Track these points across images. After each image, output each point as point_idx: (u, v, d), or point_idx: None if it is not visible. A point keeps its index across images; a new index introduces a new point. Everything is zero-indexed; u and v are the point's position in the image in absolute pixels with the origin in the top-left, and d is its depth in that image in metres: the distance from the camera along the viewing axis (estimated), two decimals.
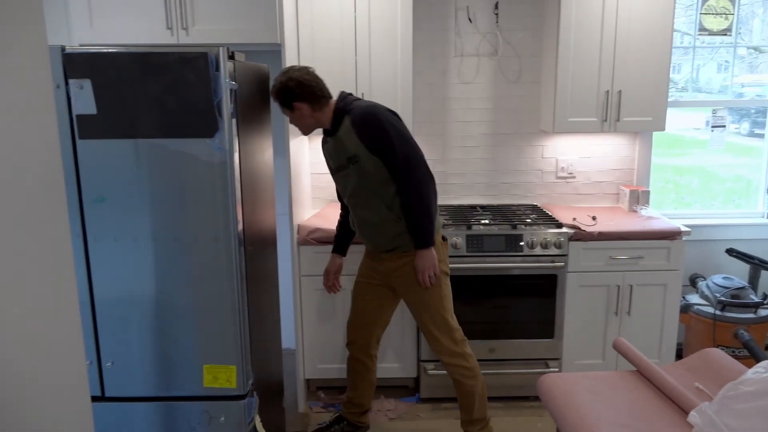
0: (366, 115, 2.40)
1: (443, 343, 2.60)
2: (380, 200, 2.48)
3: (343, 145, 2.45)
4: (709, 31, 3.62)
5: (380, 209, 2.48)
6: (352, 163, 2.45)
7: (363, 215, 2.54)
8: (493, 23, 3.46)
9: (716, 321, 3.21)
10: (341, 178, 2.55)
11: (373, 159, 2.41)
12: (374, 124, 2.39)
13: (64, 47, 1.83)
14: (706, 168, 3.91)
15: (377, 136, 2.39)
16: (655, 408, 1.84)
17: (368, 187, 2.47)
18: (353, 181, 2.48)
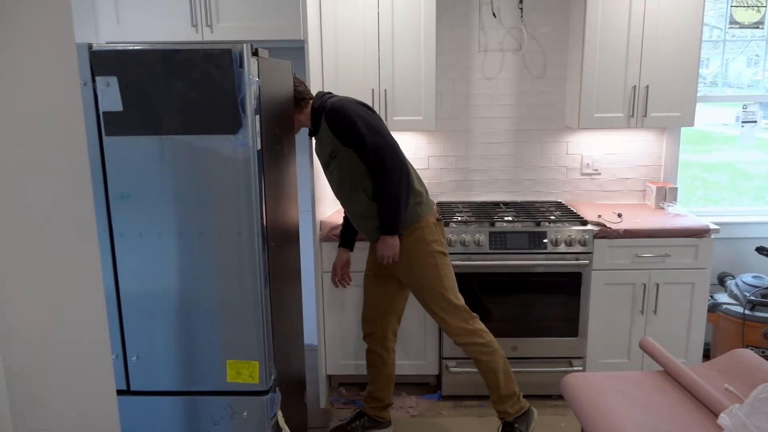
0: (334, 109, 2.46)
1: (452, 323, 2.62)
2: (362, 192, 2.53)
3: (324, 142, 2.53)
4: (740, 24, 3.54)
5: (363, 200, 2.54)
6: (332, 158, 2.53)
7: (350, 208, 2.62)
8: (518, 18, 3.42)
9: (745, 321, 3.15)
10: (329, 175, 2.62)
11: (349, 152, 2.47)
12: (342, 118, 2.45)
13: (91, 45, 1.85)
14: (735, 164, 3.82)
15: (346, 129, 2.45)
16: (683, 410, 1.80)
17: (349, 179, 2.53)
18: (336, 175, 2.56)
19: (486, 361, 2.63)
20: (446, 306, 2.61)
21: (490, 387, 2.68)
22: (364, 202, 2.55)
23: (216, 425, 2.10)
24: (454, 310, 2.62)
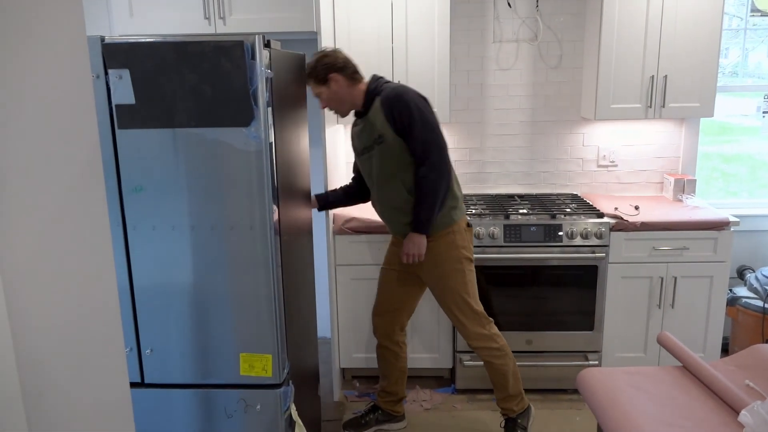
0: (395, 95, 2.44)
1: (469, 327, 2.62)
2: (400, 183, 2.49)
3: (372, 125, 2.48)
4: (762, 12, 3.46)
5: (400, 192, 2.50)
6: (377, 143, 2.48)
7: (385, 198, 2.57)
8: (533, 7, 3.37)
9: (765, 315, 3.09)
10: (366, 161, 2.57)
11: (398, 140, 2.44)
12: (401, 104, 2.42)
13: (104, 38, 1.84)
14: (755, 156, 3.75)
15: (402, 117, 2.41)
16: (702, 406, 1.77)
17: (390, 168, 2.49)
18: (377, 162, 2.51)
19: (499, 364, 2.65)
20: (467, 311, 2.61)
21: (498, 387, 2.70)
22: (400, 194, 2.51)
23: (229, 418, 2.10)
24: (474, 315, 2.61)
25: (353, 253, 3.07)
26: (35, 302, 0.86)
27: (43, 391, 0.88)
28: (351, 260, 3.08)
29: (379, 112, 2.45)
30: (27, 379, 0.84)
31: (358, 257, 3.08)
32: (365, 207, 3.26)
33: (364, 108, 2.52)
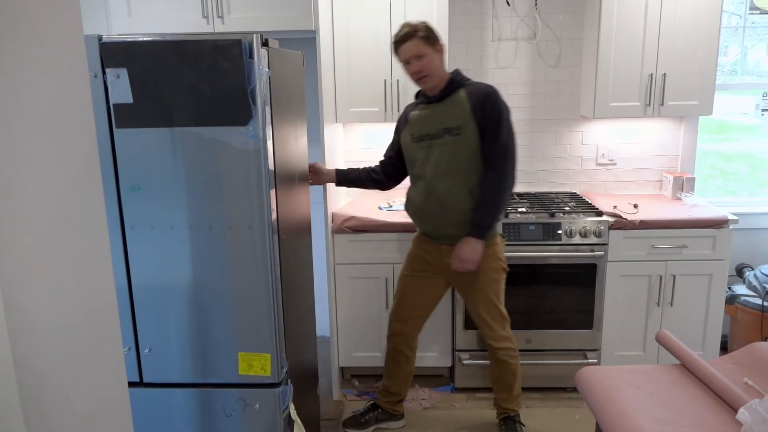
0: (489, 92, 2.40)
1: (495, 329, 2.64)
2: (464, 182, 2.43)
3: (447, 114, 2.41)
4: (761, 10, 3.45)
5: (461, 191, 2.43)
6: (450, 134, 2.40)
7: (439, 193, 2.46)
8: (532, 6, 3.37)
9: (764, 312, 3.09)
10: (424, 149, 2.47)
11: (477, 137, 2.39)
12: (493, 103, 2.39)
13: (101, 37, 1.84)
14: (754, 154, 3.75)
15: (492, 115, 2.38)
16: (700, 404, 1.77)
17: (458, 163, 2.41)
18: (443, 153, 2.42)
19: (513, 364, 2.69)
20: (496, 316, 2.63)
21: (506, 387, 2.72)
22: (459, 192, 2.43)
23: (228, 417, 2.10)
24: (501, 320, 2.65)
25: (352, 252, 3.07)
26: (33, 302, 0.86)
27: (41, 392, 0.88)
28: (350, 259, 3.08)
29: (465, 103, 2.39)
30: (25, 379, 0.84)
31: (357, 256, 3.08)
32: (364, 206, 3.26)
33: (442, 94, 2.45)
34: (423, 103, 2.52)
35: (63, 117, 0.94)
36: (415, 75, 2.43)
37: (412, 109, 2.58)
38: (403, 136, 2.58)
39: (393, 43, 2.44)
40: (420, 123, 2.49)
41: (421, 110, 2.51)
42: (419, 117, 2.50)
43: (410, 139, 2.53)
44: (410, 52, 2.39)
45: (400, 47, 2.42)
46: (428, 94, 2.48)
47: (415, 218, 2.62)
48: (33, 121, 0.87)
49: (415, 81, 2.46)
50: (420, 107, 2.53)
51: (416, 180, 2.55)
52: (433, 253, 2.59)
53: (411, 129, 2.53)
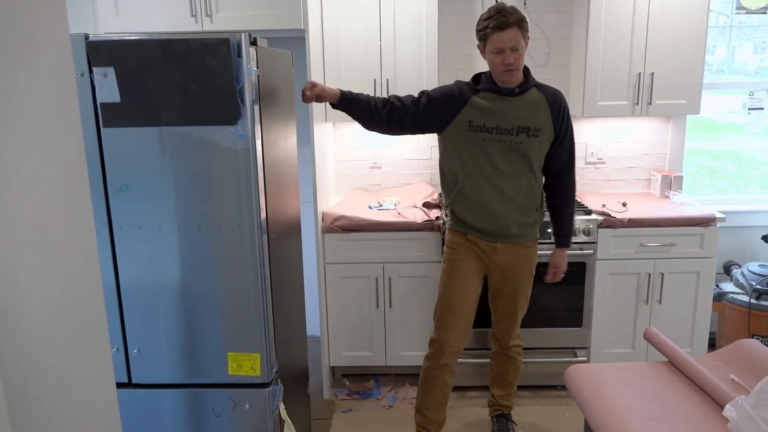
0: (563, 97, 2.40)
1: (518, 330, 2.67)
2: (531, 185, 2.39)
3: (526, 113, 2.32)
4: (747, 10, 3.48)
5: (530, 194, 2.40)
6: (528, 134, 2.32)
7: (511, 193, 2.37)
8: (521, 5, 3.37)
9: (751, 310, 3.12)
10: (487, 141, 2.32)
11: (550, 141, 2.38)
12: (566, 108, 2.40)
13: (88, 35, 1.83)
14: (742, 153, 3.78)
15: (566, 120, 2.39)
16: (688, 401, 1.78)
17: (530, 165, 2.36)
18: (520, 152, 2.33)
19: (519, 361, 2.73)
20: (521, 317, 2.65)
21: (507, 384, 2.75)
22: (529, 193, 2.39)
23: (218, 418, 2.09)
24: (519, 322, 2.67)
25: (342, 251, 3.07)
26: (19, 303, 0.86)
27: (27, 393, 0.87)
28: (340, 258, 3.08)
29: (543, 104, 2.34)
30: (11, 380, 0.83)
31: (347, 256, 3.07)
32: (354, 205, 3.25)
33: (520, 90, 2.32)
34: (491, 92, 2.33)
35: (49, 117, 0.93)
36: (506, 66, 2.23)
37: (471, 92, 2.35)
38: (459, 118, 2.34)
39: (493, 27, 2.19)
40: (489, 113, 2.31)
41: (491, 100, 2.32)
42: (488, 107, 2.32)
43: (467, 125, 2.33)
44: (510, 42, 2.19)
45: (500, 34, 2.19)
46: (502, 85, 2.31)
47: (472, 214, 2.41)
48: (18, 121, 0.86)
49: (499, 72, 2.26)
50: (487, 95, 2.33)
51: (476, 174, 2.36)
52: (487, 251, 2.45)
53: (473, 115, 2.32)
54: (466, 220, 2.43)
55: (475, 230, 2.43)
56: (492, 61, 2.26)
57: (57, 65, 0.95)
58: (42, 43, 0.91)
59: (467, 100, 2.34)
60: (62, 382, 0.97)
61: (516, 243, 2.45)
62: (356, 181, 3.60)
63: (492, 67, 2.29)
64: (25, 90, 0.87)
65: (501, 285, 2.55)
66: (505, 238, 2.43)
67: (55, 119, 0.95)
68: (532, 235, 2.49)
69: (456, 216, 2.46)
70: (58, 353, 0.96)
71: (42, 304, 0.91)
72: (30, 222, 0.88)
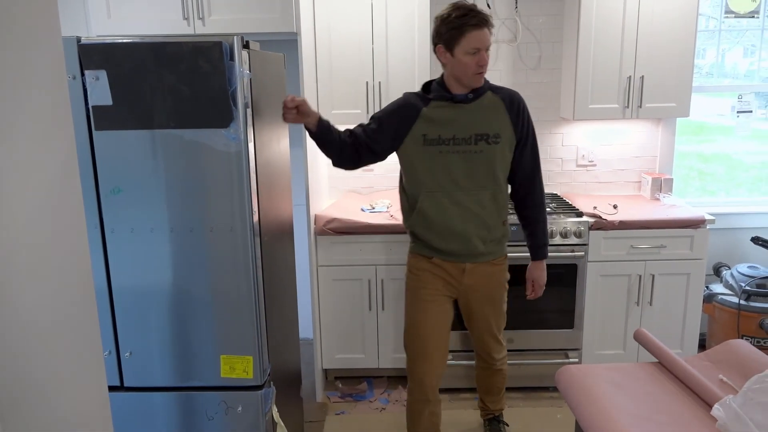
0: (520, 97, 2.23)
1: (500, 341, 2.54)
2: (495, 196, 2.22)
3: (484, 118, 2.16)
4: (736, 14, 3.52)
5: (495, 206, 2.23)
6: (487, 141, 2.15)
7: (475, 208, 2.21)
8: (512, 9, 3.40)
9: (741, 311, 3.15)
10: (444, 155, 2.16)
11: (512, 146, 2.21)
12: (526, 111, 2.24)
13: (80, 38, 1.83)
14: (732, 155, 3.82)
15: (528, 124, 2.24)
16: (677, 401, 1.80)
17: (493, 175, 2.19)
18: (480, 163, 2.16)
19: (505, 370, 2.65)
20: (502, 329, 2.53)
21: (496, 391, 2.70)
22: (492, 206, 2.23)
23: (210, 420, 2.09)
24: (502, 333, 2.55)
25: (335, 253, 3.07)
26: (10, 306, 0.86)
27: (18, 397, 0.87)
28: (332, 261, 3.08)
29: (500, 108, 2.18)
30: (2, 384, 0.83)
31: (339, 258, 3.08)
32: (346, 207, 3.26)
33: (474, 95, 2.17)
34: (443, 100, 2.18)
35: (40, 120, 0.93)
36: (480, 68, 2.11)
37: (421, 103, 2.19)
38: (412, 133, 2.19)
39: (470, 24, 2.06)
40: (443, 124, 2.16)
41: (444, 109, 2.17)
42: (441, 117, 2.16)
43: (422, 140, 2.17)
44: (486, 42, 2.09)
45: (477, 32, 2.07)
46: (455, 92, 2.17)
47: (434, 236, 2.25)
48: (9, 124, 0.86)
49: (471, 74, 2.11)
50: (439, 104, 2.18)
51: (435, 191, 2.20)
52: (455, 274, 2.30)
53: (426, 128, 2.17)
54: (430, 243, 2.27)
55: (440, 252, 2.27)
56: (464, 63, 2.09)
57: (49, 68, 0.95)
58: (34, 46, 0.92)
59: (418, 112, 2.19)
60: (54, 385, 0.97)
61: (484, 262, 2.31)
62: (348, 183, 3.60)
63: (462, 70, 2.11)
64: (17, 93, 0.88)
65: (473, 306, 2.40)
66: (473, 258, 2.27)
67: (47, 122, 0.95)
68: (500, 252, 2.35)
69: (418, 238, 2.30)
70: (50, 356, 0.95)
71: (34, 306, 0.91)
72: (22, 225, 0.88)
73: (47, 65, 0.95)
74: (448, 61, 2.13)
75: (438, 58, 2.17)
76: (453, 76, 2.15)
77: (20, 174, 0.88)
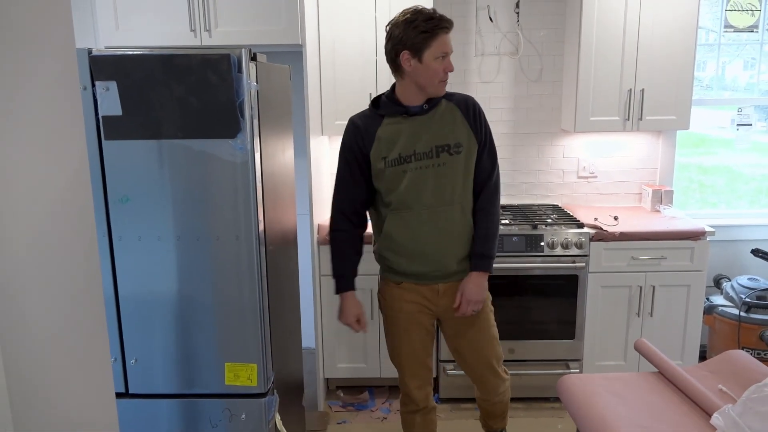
0: (476, 102, 2.11)
1: (500, 374, 2.32)
2: (463, 210, 2.10)
3: (442, 127, 2.04)
4: (735, 28, 3.56)
5: (462, 219, 2.11)
6: (449, 152, 2.03)
7: (442, 225, 2.08)
8: (514, 22, 3.44)
9: (741, 323, 3.16)
10: (408, 172, 2.03)
11: (475, 154, 2.07)
12: (482, 113, 2.10)
13: (91, 50, 1.87)
14: (732, 167, 3.85)
15: (486, 129, 2.10)
16: (677, 410, 1.82)
17: (458, 187, 2.07)
18: (444, 175, 2.04)
19: (508, 399, 2.46)
20: (500, 357, 2.30)
21: (502, 413, 2.50)
22: (460, 221, 2.09)
23: (214, 428, 2.11)
24: (502, 358, 2.33)
25: None
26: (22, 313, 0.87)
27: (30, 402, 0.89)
28: None
29: (456, 114, 2.06)
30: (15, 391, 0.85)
31: None
32: None
33: (428, 105, 2.06)
34: (396, 115, 2.07)
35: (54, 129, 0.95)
36: (446, 75, 2.03)
37: (374, 123, 2.08)
38: (372, 158, 2.08)
39: (441, 27, 1.98)
40: (401, 141, 2.04)
41: (399, 124, 2.06)
42: (398, 133, 2.05)
43: (383, 163, 2.05)
44: (451, 47, 2.03)
45: (446, 36, 2.00)
46: (407, 104, 2.07)
47: (402, 258, 2.13)
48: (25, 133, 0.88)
49: (437, 81, 2.02)
50: (393, 120, 2.07)
51: (400, 211, 2.08)
52: (429, 296, 2.17)
53: (385, 149, 2.05)
54: (398, 267, 2.15)
55: (410, 276, 2.15)
56: (432, 69, 1.99)
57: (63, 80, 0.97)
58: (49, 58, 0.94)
59: (373, 134, 2.07)
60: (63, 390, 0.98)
61: (458, 281, 2.16)
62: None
63: (430, 76, 2.00)
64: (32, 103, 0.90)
65: (459, 330, 2.24)
66: (446, 278, 2.14)
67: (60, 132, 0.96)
68: None
69: (386, 263, 2.19)
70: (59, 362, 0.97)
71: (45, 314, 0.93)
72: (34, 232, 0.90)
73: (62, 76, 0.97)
74: (413, 69, 1.99)
75: (399, 66, 2.02)
76: (417, 85, 2.02)
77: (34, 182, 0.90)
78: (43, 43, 0.93)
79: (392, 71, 2.07)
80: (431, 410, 2.38)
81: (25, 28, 0.88)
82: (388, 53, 2.04)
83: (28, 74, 0.89)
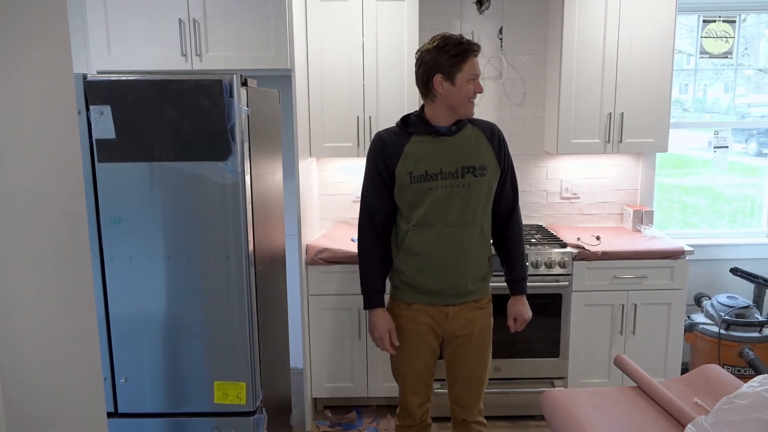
0: (499, 129, 2.22)
1: (480, 398, 2.34)
2: (482, 231, 2.17)
3: (468, 150, 2.12)
4: (711, 54, 3.69)
5: (482, 241, 2.18)
6: (474, 174, 2.10)
7: (464, 244, 2.14)
8: (498, 48, 3.54)
9: (721, 340, 3.23)
10: (433, 190, 2.09)
11: (497, 177, 2.16)
12: (505, 141, 2.21)
13: (86, 75, 1.93)
14: (713, 188, 3.95)
15: (508, 155, 2.22)
16: (653, 422, 1.87)
17: (479, 209, 2.14)
18: (467, 196, 2.10)
19: None
20: (485, 383, 2.34)
21: None
22: (480, 241, 2.16)
23: None
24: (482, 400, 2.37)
25: (325, 283, 3.14)
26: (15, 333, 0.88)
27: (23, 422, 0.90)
28: (323, 290, 3.14)
29: (482, 139, 2.15)
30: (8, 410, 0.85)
31: (329, 287, 3.14)
32: (337, 237, 3.34)
33: (456, 127, 2.13)
34: (425, 134, 2.13)
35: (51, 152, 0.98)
36: (474, 96, 2.11)
37: (403, 139, 2.13)
38: (398, 173, 2.12)
39: (471, 51, 2.07)
40: (428, 158, 2.09)
41: (427, 143, 2.11)
42: (426, 151, 2.10)
43: (408, 178, 2.09)
44: (479, 69, 2.12)
45: (476, 59, 2.09)
46: (436, 124, 2.12)
47: (422, 274, 2.16)
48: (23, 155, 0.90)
49: (468, 102, 2.10)
50: (422, 139, 2.12)
51: (422, 227, 2.11)
52: (438, 318, 2.20)
53: (412, 164, 2.10)
54: (415, 283, 2.17)
55: (424, 294, 2.18)
56: (464, 91, 2.07)
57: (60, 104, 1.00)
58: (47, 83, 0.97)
59: (401, 150, 2.12)
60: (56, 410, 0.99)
61: (469, 302, 2.21)
62: (338, 214, 3.69)
63: (461, 98, 2.08)
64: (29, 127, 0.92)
65: (457, 353, 2.28)
66: (459, 298, 2.19)
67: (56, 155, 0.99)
68: (485, 290, 2.27)
69: (401, 280, 2.21)
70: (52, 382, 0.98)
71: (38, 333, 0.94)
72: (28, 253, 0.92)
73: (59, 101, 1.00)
74: (445, 91, 2.06)
75: (432, 89, 2.08)
76: (448, 106, 2.09)
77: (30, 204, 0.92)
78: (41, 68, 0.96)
79: (423, 94, 2.14)
80: (427, 427, 2.40)
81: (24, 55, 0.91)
82: (419, 78, 2.10)
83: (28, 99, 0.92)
